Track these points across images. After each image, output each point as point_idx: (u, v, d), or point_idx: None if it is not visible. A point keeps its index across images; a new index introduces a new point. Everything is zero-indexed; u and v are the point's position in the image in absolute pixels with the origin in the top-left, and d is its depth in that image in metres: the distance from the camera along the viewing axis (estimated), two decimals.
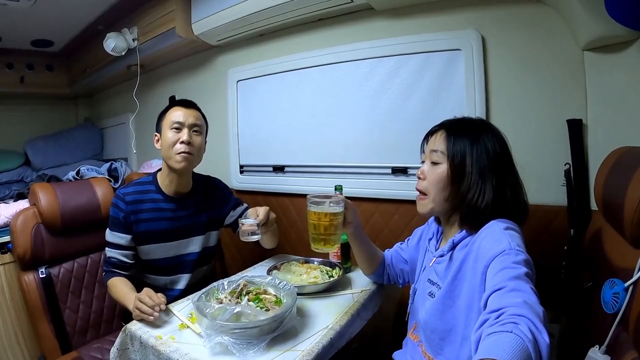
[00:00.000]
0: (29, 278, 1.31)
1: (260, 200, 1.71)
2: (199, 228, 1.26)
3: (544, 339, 0.47)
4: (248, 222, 1.03)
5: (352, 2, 1.34)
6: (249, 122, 1.77)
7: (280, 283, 0.99)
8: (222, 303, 0.89)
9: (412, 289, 0.95)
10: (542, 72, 1.12)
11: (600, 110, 1.04)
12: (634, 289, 0.63)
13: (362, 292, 1.09)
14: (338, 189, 1.17)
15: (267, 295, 0.94)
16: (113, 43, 1.83)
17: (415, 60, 1.30)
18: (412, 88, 1.32)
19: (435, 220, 0.93)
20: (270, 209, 1.14)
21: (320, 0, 1.36)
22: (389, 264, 1.07)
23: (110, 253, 1.17)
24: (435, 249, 0.89)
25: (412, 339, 0.92)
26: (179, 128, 1.16)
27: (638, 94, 0.94)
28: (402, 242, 1.09)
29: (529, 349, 0.45)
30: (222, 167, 1.84)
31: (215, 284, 0.98)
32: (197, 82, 2.03)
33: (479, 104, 1.19)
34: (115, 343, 0.94)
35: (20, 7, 1.66)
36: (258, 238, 1.05)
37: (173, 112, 1.18)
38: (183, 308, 1.00)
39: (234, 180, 1.82)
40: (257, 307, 0.88)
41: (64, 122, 2.88)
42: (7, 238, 1.56)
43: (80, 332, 1.39)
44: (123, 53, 1.89)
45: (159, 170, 1.26)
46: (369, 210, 1.42)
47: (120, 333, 0.93)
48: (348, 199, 0.94)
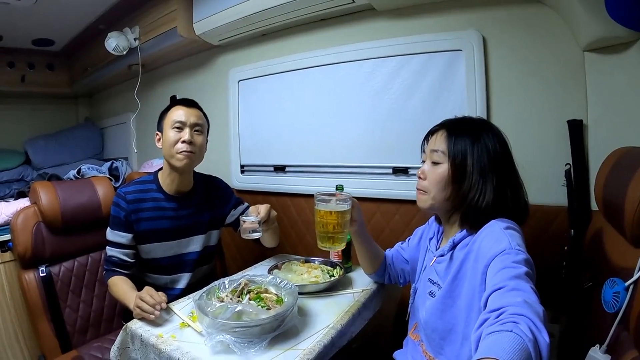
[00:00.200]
0: (29, 277, 1.32)
1: (261, 200, 1.71)
2: (200, 227, 1.26)
3: (544, 339, 0.48)
4: (249, 219, 1.03)
5: (353, 2, 1.35)
6: (250, 121, 1.77)
7: (282, 282, 0.99)
8: (223, 302, 0.89)
9: (412, 289, 0.95)
10: (542, 72, 1.13)
11: (601, 111, 1.05)
12: (635, 289, 0.63)
13: (363, 291, 1.09)
14: (339, 189, 1.17)
15: (268, 294, 0.94)
16: (114, 42, 1.83)
17: (417, 61, 1.30)
18: (413, 88, 1.32)
19: (436, 220, 0.93)
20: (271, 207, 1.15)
21: (322, 1, 1.36)
22: (390, 264, 1.07)
23: (111, 252, 1.18)
24: (436, 249, 0.89)
25: (412, 339, 0.92)
26: (181, 127, 1.17)
27: (638, 95, 0.94)
28: (402, 241, 1.09)
29: (529, 348, 0.45)
30: (223, 166, 1.84)
31: (216, 283, 0.98)
32: (198, 81, 2.03)
33: (480, 105, 1.20)
34: (116, 342, 0.94)
35: (22, 6, 1.67)
36: (259, 235, 1.06)
37: (175, 111, 1.18)
38: (184, 307, 1.00)
39: (235, 180, 1.82)
40: (258, 305, 0.87)
41: (65, 121, 2.88)
42: (7, 236, 1.56)
43: (81, 331, 1.39)
44: (124, 52, 1.89)
45: (160, 170, 1.26)
46: (370, 210, 1.43)
47: (121, 332, 0.93)
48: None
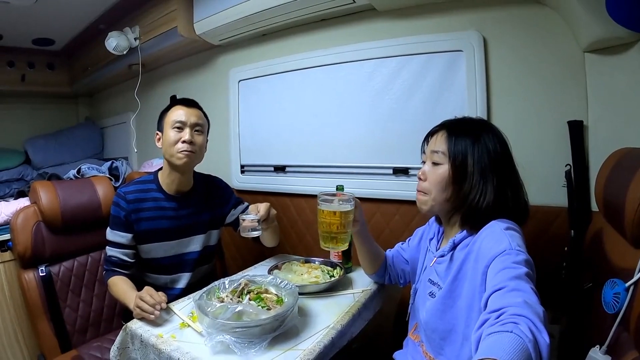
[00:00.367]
0: (29, 276, 1.31)
1: (261, 200, 1.67)
2: (200, 227, 1.26)
3: (544, 339, 0.48)
4: (249, 217, 1.04)
5: (354, 2, 1.35)
6: (250, 121, 1.77)
7: (282, 282, 0.99)
8: (223, 302, 0.89)
9: (412, 289, 0.95)
10: (543, 73, 1.13)
11: (601, 112, 1.05)
12: (635, 290, 0.63)
13: (363, 292, 1.09)
14: (339, 189, 1.17)
15: (268, 295, 0.94)
16: (115, 42, 1.83)
17: (417, 61, 1.30)
18: (413, 88, 1.32)
19: (436, 220, 0.93)
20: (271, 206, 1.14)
21: (323, 1, 1.36)
22: (390, 264, 1.07)
23: (111, 252, 1.17)
24: (436, 249, 0.89)
25: (412, 339, 0.92)
26: (181, 127, 1.17)
27: (639, 96, 0.94)
28: (403, 242, 1.09)
29: (529, 349, 0.45)
30: (223, 166, 1.84)
31: (217, 283, 0.98)
32: (198, 81, 2.03)
33: (480, 105, 1.20)
34: (116, 342, 0.94)
35: (22, 5, 1.66)
36: (259, 234, 1.06)
37: (175, 111, 1.18)
38: (184, 307, 1.00)
39: (235, 180, 1.82)
40: (258, 306, 0.87)
41: (65, 120, 2.87)
42: (7, 236, 1.56)
43: (80, 330, 1.39)
44: (124, 52, 1.89)
45: (160, 170, 1.26)
46: (370, 211, 1.43)
47: (121, 332, 0.93)
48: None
